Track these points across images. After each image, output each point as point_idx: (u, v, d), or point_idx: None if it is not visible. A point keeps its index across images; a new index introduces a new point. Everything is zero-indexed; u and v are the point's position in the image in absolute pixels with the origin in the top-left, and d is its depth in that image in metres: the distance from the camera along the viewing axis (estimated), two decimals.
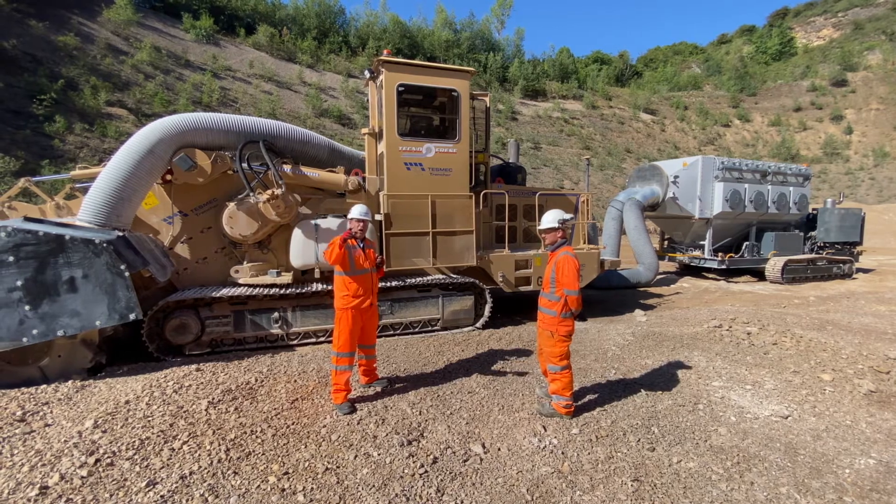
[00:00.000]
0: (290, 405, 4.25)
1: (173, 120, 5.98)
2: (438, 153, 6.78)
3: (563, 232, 4.14)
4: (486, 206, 7.65)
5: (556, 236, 4.14)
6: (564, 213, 4.19)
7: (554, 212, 4.19)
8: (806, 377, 4.88)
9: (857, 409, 4.16)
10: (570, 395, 4.00)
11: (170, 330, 5.76)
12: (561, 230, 4.12)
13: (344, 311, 4.24)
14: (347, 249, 4.19)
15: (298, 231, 6.27)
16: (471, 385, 4.69)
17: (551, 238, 4.17)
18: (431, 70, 6.72)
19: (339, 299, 4.27)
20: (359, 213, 4.37)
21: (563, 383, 3.95)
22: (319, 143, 7.02)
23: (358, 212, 4.38)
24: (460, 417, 3.96)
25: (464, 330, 7.07)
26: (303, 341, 6.33)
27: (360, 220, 4.36)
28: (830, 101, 58.93)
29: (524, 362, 5.48)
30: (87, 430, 3.78)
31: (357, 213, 4.37)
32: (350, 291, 4.25)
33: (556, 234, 4.14)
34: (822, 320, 7.81)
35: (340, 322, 4.24)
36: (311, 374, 5.04)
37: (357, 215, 4.36)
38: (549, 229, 4.16)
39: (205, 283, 6.41)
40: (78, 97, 24.08)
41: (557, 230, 4.13)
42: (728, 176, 12.26)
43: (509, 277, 7.38)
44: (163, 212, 6.29)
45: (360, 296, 4.27)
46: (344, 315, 4.23)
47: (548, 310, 4.01)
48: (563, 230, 4.14)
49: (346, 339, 4.21)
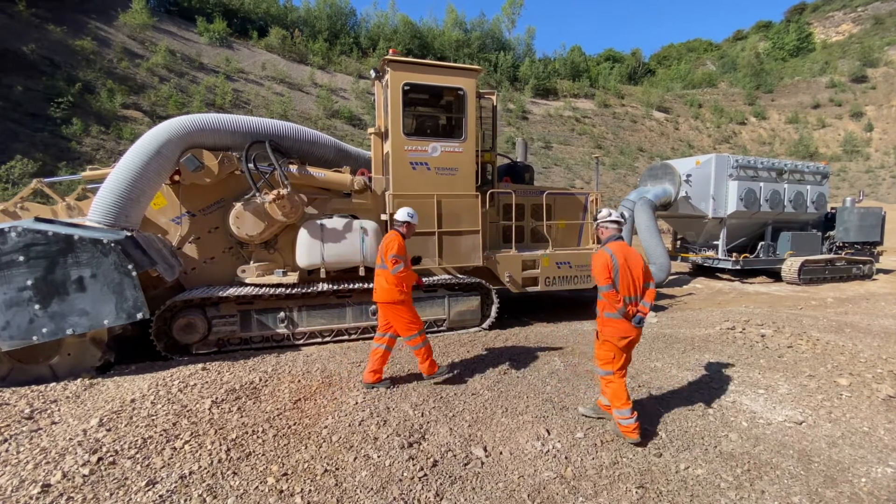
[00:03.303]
0: (293, 405, 4.24)
1: (181, 121, 6.03)
2: (444, 153, 6.74)
3: (601, 230, 3.98)
4: (493, 205, 7.58)
5: (598, 234, 4.09)
6: (612, 210, 4.00)
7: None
8: (822, 381, 4.73)
9: (875, 416, 4.00)
10: (627, 408, 3.55)
11: (177, 329, 5.81)
12: (601, 228, 3.99)
13: (409, 298, 4.65)
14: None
15: (304, 231, 6.28)
16: (474, 387, 4.64)
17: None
18: (437, 69, 6.68)
19: (401, 292, 4.54)
20: (411, 216, 4.82)
21: (608, 391, 3.72)
22: (326, 143, 7.02)
23: (409, 214, 4.81)
24: (463, 420, 3.91)
25: (470, 331, 7.01)
26: (308, 341, 6.33)
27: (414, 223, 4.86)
28: (850, 97, 57.58)
29: (530, 364, 5.40)
30: (92, 429, 3.81)
31: (410, 217, 4.81)
32: (409, 283, 4.67)
33: (597, 231, 4.10)
34: (840, 322, 7.59)
35: (409, 309, 4.65)
36: (315, 375, 5.03)
37: (411, 218, 4.80)
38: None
39: (212, 282, 6.45)
40: (94, 100, 24.55)
41: (598, 228, 4.04)
42: (743, 174, 12.01)
43: (516, 278, 7.30)
44: (171, 212, 6.34)
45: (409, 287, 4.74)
46: (409, 300, 4.66)
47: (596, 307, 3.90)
48: (601, 228, 3.98)
49: (416, 315, 4.73)
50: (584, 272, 7.69)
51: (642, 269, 3.66)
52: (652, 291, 3.67)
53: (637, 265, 3.65)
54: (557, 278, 7.54)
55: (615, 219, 3.85)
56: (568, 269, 7.58)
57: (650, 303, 3.64)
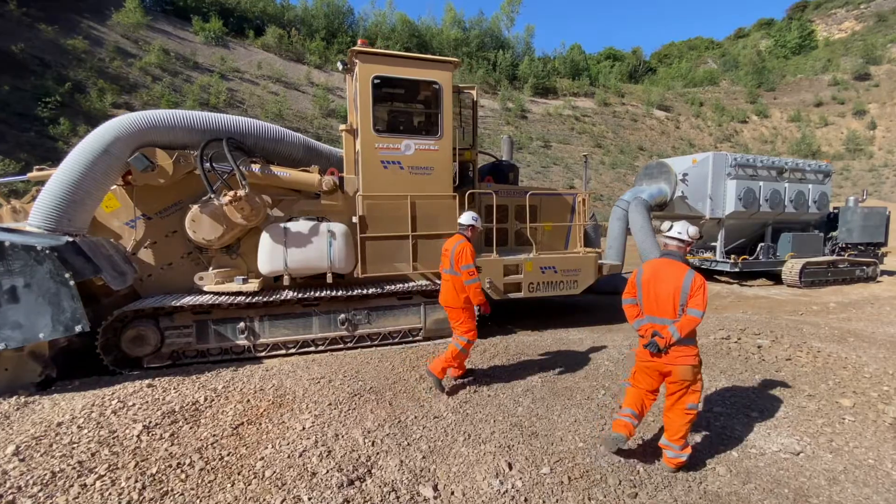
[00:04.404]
0: (233, 431, 3.82)
1: (131, 118, 5.62)
2: (419, 151, 6.31)
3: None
4: (474, 206, 7.15)
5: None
6: (677, 225, 3.58)
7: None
8: (822, 402, 4.28)
9: (881, 444, 3.56)
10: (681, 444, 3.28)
11: (126, 341, 5.39)
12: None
13: (471, 304, 4.70)
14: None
15: (266, 235, 5.86)
16: (438, 408, 4.21)
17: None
18: (410, 61, 6.25)
19: (467, 299, 4.65)
20: (475, 219, 4.89)
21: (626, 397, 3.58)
22: (293, 141, 6.60)
23: (474, 217, 4.88)
24: (417, 450, 3.48)
25: (448, 341, 6.57)
26: (271, 353, 5.91)
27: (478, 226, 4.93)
28: (853, 95, 56.88)
29: (504, 380, 4.97)
30: (4, 459, 3.41)
31: (475, 220, 4.88)
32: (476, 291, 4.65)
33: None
34: (843, 330, 7.13)
35: (471, 316, 4.75)
36: (268, 393, 4.61)
37: (475, 221, 4.88)
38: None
39: (170, 289, 6.04)
40: (84, 100, 24.20)
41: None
42: (741, 173, 11.53)
43: (497, 283, 6.86)
44: (125, 215, 5.93)
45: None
46: (471, 306, 4.73)
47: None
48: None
49: (474, 324, 4.79)
50: (570, 277, 7.25)
51: (674, 290, 3.22)
52: (690, 319, 3.14)
53: (667, 286, 3.26)
54: (542, 284, 7.10)
55: (673, 235, 3.49)
56: (553, 275, 7.13)
57: (680, 334, 3.13)
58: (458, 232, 4.89)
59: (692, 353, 3.21)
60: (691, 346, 3.22)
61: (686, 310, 3.18)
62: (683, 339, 3.17)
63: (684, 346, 3.19)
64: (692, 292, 3.18)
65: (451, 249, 4.67)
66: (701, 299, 3.16)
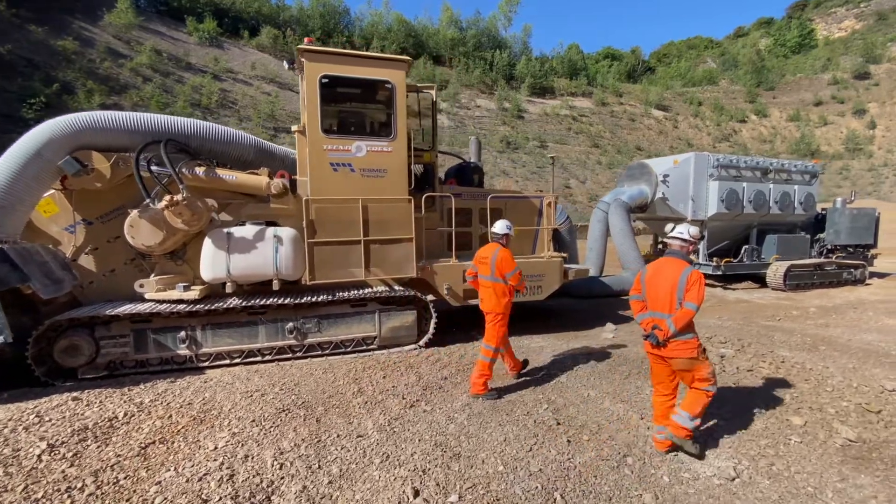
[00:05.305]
0: (141, 451, 3.61)
1: (66, 119, 5.41)
2: (371, 152, 6.09)
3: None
4: (435, 210, 6.92)
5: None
6: (678, 225, 3.82)
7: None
8: (771, 420, 4.03)
9: (825, 469, 3.31)
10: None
11: (59, 352, 5.19)
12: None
13: (508, 312, 4.82)
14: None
15: (209, 241, 5.65)
16: (366, 426, 3.98)
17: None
18: (360, 59, 6.02)
19: (507, 304, 4.78)
20: (509, 228, 5.01)
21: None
22: (244, 142, 6.38)
23: (508, 226, 5.00)
24: (326, 474, 3.25)
25: (405, 349, 6.36)
26: (215, 363, 5.69)
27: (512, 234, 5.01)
28: (853, 94, 56.45)
29: (447, 393, 4.74)
30: None
31: (509, 228, 5.00)
32: (512, 296, 4.86)
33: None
34: (817, 338, 6.89)
35: (505, 325, 4.80)
36: (195, 407, 4.40)
37: (509, 230, 4.99)
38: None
39: (114, 297, 5.83)
40: (72, 101, 24.07)
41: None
42: (724, 174, 11.25)
43: (456, 289, 6.64)
44: (64, 220, 5.73)
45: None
46: (507, 316, 4.82)
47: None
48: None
49: (506, 335, 4.88)
50: (534, 283, 7.01)
51: (671, 285, 3.44)
52: (684, 312, 3.36)
53: (666, 282, 3.49)
54: None
55: (675, 234, 3.71)
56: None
57: (676, 326, 3.36)
58: (493, 240, 5.01)
59: (691, 346, 3.42)
60: (690, 340, 3.43)
61: (683, 303, 3.39)
62: (682, 332, 3.39)
63: (683, 339, 3.41)
64: (688, 286, 3.38)
65: (489, 257, 4.78)
66: (696, 293, 3.35)
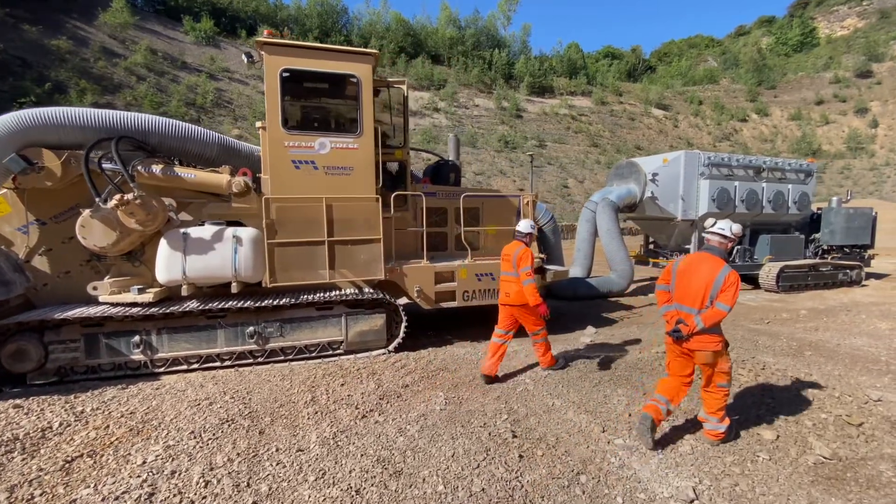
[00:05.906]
0: (64, 465, 3.39)
1: (14, 116, 5.20)
2: (335, 149, 5.86)
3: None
4: (407, 209, 6.69)
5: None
6: (720, 221, 3.75)
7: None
8: (740, 434, 3.78)
9: (793, 491, 3.05)
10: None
11: (6, 357, 4.98)
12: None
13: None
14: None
15: (164, 242, 5.43)
16: (308, 439, 3.75)
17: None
18: (324, 52, 5.79)
19: (530, 298, 4.90)
20: (532, 227, 5.30)
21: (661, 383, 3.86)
22: (206, 139, 6.15)
23: (531, 225, 5.29)
24: (253, 494, 3.02)
25: (372, 354, 6.13)
26: (171, 368, 5.48)
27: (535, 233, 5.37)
28: (854, 93, 55.93)
29: (404, 402, 4.51)
30: None
31: (532, 228, 5.28)
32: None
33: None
34: (804, 342, 6.63)
35: (534, 311, 4.99)
36: (137, 416, 4.19)
37: (532, 229, 5.28)
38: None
39: (69, 299, 5.62)
40: (64, 100, 23.95)
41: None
42: (715, 173, 10.98)
43: (427, 292, 6.40)
44: (16, 220, 5.51)
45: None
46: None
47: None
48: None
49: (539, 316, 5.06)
50: None
51: (706, 282, 3.40)
52: (716, 312, 3.33)
53: (700, 278, 3.45)
54: (477, 292, 6.63)
55: (716, 230, 3.65)
56: (491, 282, 6.66)
57: (704, 324, 3.35)
58: (516, 238, 5.21)
59: (715, 340, 3.43)
60: (715, 335, 3.44)
61: (715, 303, 3.35)
62: (707, 329, 3.38)
63: (708, 334, 3.42)
64: (724, 287, 3.33)
65: (512, 254, 5.02)
66: (731, 295, 3.31)
